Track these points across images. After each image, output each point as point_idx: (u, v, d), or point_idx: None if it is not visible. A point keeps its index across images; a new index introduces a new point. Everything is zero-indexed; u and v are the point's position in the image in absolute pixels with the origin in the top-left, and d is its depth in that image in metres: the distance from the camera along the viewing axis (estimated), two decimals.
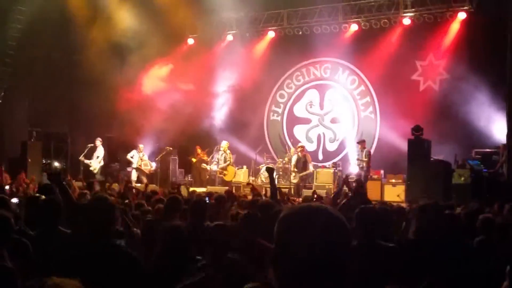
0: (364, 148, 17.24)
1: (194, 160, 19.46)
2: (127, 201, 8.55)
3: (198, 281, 3.79)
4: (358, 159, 17.25)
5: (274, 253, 1.84)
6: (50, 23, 18.85)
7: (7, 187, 11.80)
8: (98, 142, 18.94)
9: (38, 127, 19.63)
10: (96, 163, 18.78)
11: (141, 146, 18.91)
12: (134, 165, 18.66)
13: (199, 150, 19.45)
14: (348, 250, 1.82)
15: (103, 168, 19.14)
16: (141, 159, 18.69)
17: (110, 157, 19.84)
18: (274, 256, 1.84)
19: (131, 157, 18.70)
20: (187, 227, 5.19)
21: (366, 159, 16.87)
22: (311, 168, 17.76)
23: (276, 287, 1.83)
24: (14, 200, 6.43)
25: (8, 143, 19.62)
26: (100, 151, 18.94)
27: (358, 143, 17.71)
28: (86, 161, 18.55)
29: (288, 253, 1.78)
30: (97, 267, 3.05)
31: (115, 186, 13.93)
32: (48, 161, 19.73)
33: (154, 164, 19.10)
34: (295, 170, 17.70)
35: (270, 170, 8.21)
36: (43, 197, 5.71)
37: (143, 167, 18.70)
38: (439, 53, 18.29)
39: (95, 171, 18.63)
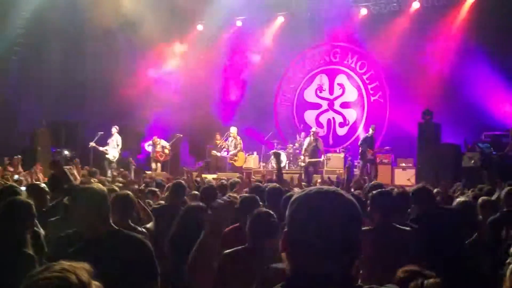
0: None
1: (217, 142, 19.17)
2: (139, 187, 8.63)
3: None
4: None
5: (287, 236, 1.86)
6: (58, 10, 18.83)
7: (16, 176, 11.85)
8: (115, 129, 18.55)
9: (48, 115, 19.67)
10: (116, 151, 18.46)
11: (156, 139, 18.78)
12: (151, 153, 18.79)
13: (218, 137, 19.36)
14: (360, 232, 1.85)
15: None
16: (156, 151, 18.68)
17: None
18: (286, 239, 1.86)
19: (148, 145, 18.76)
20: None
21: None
22: (322, 157, 17.48)
23: (290, 269, 1.85)
24: (22, 188, 6.53)
25: (18, 131, 19.70)
26: (119, 139, 18.58)
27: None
28: (101, 148, 18.17)
29: (300, 234, 1.80)
30: (103, 254, 3.11)
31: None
32: (58, 149, 19.75)
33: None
34: (306, 154, 17.31)
35: (276, 154, 8.35)
36: (43, 185, 5.87)
37: (159, 157, 18.73)
38: (449, 37, 18.15)
39: (114, 159, 18.34)
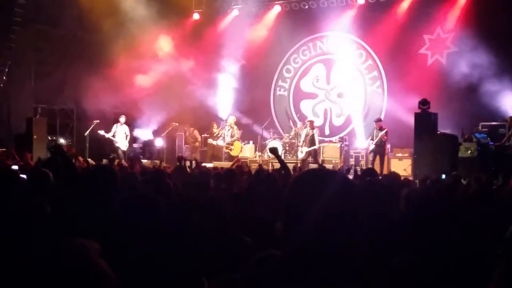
0: (382, 127, 16.57)
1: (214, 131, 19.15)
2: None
3: None
4: (372, 139, 16.57)
5: (288, 213, 1.86)
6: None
7: (15, 167, 11.84)
8: (122, 119, 18.46)
9: (43, 103, 19.56)
10: (126, 141, 18.38)
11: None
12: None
13: (215, 126, 19.32)
14: (359, 208, 1.86)
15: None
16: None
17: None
18: (287, 216, 1.85)
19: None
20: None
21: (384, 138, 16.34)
22: (317, 144, 17.47)
23: (289, 249, 1.83)
24: (23, 176, 6.54)
25: (14, 119, 19.56)
26: (127, 130, 18.51)
27: (375, 122, 16.92)
28: (108, 135, 17.97)
29: (302, 211, 1.80)
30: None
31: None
32: (54, 138, 19.67)
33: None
34: (304, 144, 17.44)
35: (273, 150, 7.89)
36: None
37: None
38: (447, 27, 18.12)
39: (124, 149, 18.24)
